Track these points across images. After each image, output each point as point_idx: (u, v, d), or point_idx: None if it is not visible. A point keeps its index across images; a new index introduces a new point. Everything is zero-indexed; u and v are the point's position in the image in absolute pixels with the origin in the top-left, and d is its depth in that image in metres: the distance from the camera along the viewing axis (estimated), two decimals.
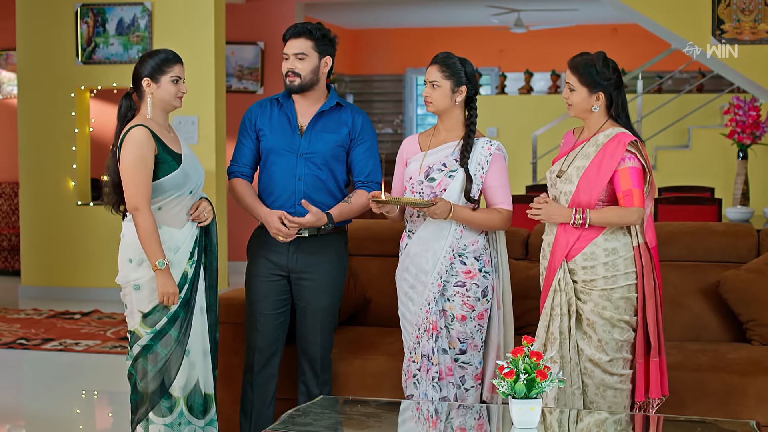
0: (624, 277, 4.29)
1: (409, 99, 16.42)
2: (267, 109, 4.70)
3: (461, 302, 4.45)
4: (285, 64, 4.62)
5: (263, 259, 4.67)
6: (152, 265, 4.25)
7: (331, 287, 4.68)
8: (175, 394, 4.36)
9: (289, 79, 4.61)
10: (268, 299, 4.66)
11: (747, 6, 8.35)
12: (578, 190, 4.28)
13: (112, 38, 9.53)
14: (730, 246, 5.34)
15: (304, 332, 4.70)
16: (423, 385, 4.44)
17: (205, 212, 4.43)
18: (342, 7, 13.46)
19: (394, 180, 4.68)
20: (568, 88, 4.35)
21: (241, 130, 4.74)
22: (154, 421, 4.35)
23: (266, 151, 4.66)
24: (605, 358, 4.29)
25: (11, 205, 11.68)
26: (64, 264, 9.77)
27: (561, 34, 14.82)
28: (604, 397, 4.32)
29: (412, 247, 4.49)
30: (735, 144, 9.66)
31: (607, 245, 4.28)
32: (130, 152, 4.27)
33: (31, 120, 9.75)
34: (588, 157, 4.31)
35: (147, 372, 4.33)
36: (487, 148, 4.48)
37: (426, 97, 4.47)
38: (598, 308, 4.28)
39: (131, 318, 4.38)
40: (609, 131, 4.33)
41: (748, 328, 5.08)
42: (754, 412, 4.57)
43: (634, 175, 4.25)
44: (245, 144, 4.71)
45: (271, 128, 4.65)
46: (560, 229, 4.33)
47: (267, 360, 4.69)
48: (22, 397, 6.76)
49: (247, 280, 4.74)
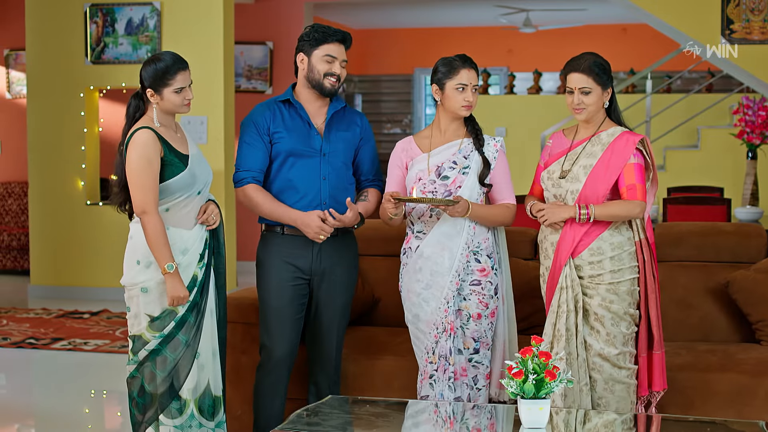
0: (629, 270, 4.37)
1: (417, 99, 16.42)
2: (277, 112, 4.62)
3: (477, 300, 4.48)
4: (331, 66, 4.56)
5: (286, 264, 4.59)
6: (161, 269, 4.22)
7: (350, 286, 4.71)
8: (184, 396, 4.34)
9: (332, 83, 4.57)
10: (294, 304, 4.61)
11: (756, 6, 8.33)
12: (585, 187, 4.36)
13: (121, 38, 9.54)
14: (740, 246, 5.33)
15: (320, 332, 4.68)
16: (439, 386, 4.44)
17: (213, 215, 4.41)
18: (351, 7, 13.46)
19: (388, 183, 4.63)
20: (582, 92, 4.36)
21: (249, 134, 4.61)
22: (164, 422, 4.33)
23: (284, 153, 4.58)
24: (614, 351, 4.34)
25: (20, 204, 11.71)
26: (73, 264, 9.79)
27: (570, 34, 14.81)
28: (613, 392, 4.36)
29: (426, 248, 4.49)
30: (744, 144, 9.65)
31: (613, 240, 4.36)
32: (135, 155, 4.23)
33: (41, 120, 9.77)
34: (594, 156, 4.38)
35: (155, 376, 4.30)
36: (493, 145, 4.57)
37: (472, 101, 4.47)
38: (606, 302, 4.34)
39: (136, 321, 4.33)
40: (611, 130, 4.42)
41: (757, 328, 5.07)
42: (763, 413, 4.56)
43: (638, 170, 4.37)
44: (257, 148, 4.58)
45: (288, 130, 4.59)
46: (566, 226, 4.38)
47: (288, 364, 4.66)
48: (32, 397, 6.77)
49: (266, 286, 4.63)
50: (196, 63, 8.86)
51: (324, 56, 4.55)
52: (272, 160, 4.61)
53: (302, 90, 4.64)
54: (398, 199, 4.36)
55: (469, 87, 4.47)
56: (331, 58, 4.56)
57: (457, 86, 4.47)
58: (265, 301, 4.64)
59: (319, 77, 4.56)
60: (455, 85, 4.47)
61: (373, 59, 16.36)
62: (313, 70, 4.57)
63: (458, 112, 4.49)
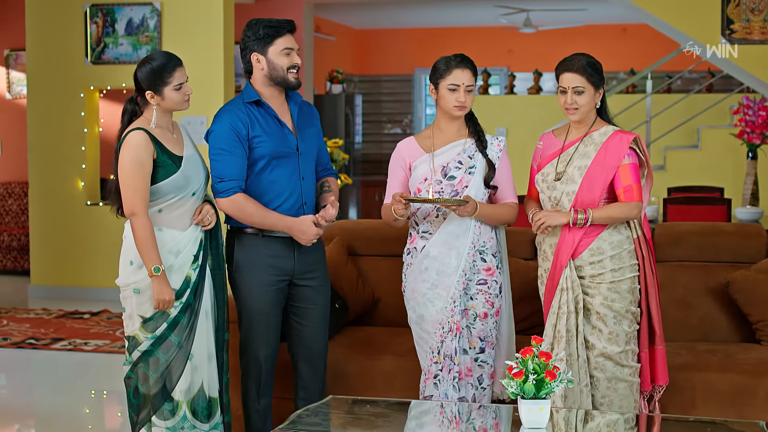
0: (630, 268, 4.39)
1: (417, 99, 16.42)
2: (252, 115, 4.46)
3: (484, 300, 4.50)
4: (291, 59, 4.46)
5: (268, 268, 4.50)
6: (148, 271, 4.22)
7: (328, 281, 4.69)
8: (176, 398, 4.33)
9: (295, 76, 4.49)
10: (277, 306, 4.56)
11: (757, 6, 8.33)
12: (582, 188, 4.37)
13: (121, 38, 9.54)
14: (740, 246, 5.33)
15: (309, 333, 4.61)
16: (444, 386, 4.45)
17: (208, 216, 4.39)
18: (351, 7, 13.46)
19: (390, 184, 4.60)
20: (576, 91, 4.37)
21: (227, 142, 4.39)
22: (156, 424, 4.33)
23: (267, 156, 4.44)
24: (617, 349, 4.36)
25: (21, 204, 11.70)
26: (73, 264, 9.79)
27: (570, 34, 14.82)
28: (616, 390, 4.37)
29: (433, 248, 4.49)
30: (744, 144, 9.64)
31: (612, 239, 4.38)
32: (128, 157, 4.23)
33: (41, 120, 9.77)
34: (588, 156, 4.39)
35: (148, 377, 4.30)
36: (497, 145, 4.57)
37: (464, 101, 4.45)
38: (608, 301, 4.36)
39: (130, 322, 4.34)
40: (603, 129, 4.43)
41: (757, 328, 5.07)
42: (764, 413, 4.56)
43: (634, 170, 4.38)
44: (238, 155, 4.39)
45: (267, 133, 4.46)
46: (565, 228, 4.39)
47: (272, 364, 4.63)
48: (32, 397, 6.77)
49: (248, 289, 4.52)
50: (197, 63, 8.88)
51: (282, 51, 4.44)
52: (251, 164, 4.46)
53: (263, 88, 4.50)
54: (408, 200, 4.35)
55: (461, 87, 4.45)
56: (289, 50, 4.45)
57: (449, 86, 4.46)
58: (248, 306, 4.54)
59: (283, 73, 4.45)
60: (448, 85, 4.46)
61: (373, 59, 16.37)
62: (275, 67, 4.45)
63: (451, 112, 4.48)
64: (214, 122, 4.47)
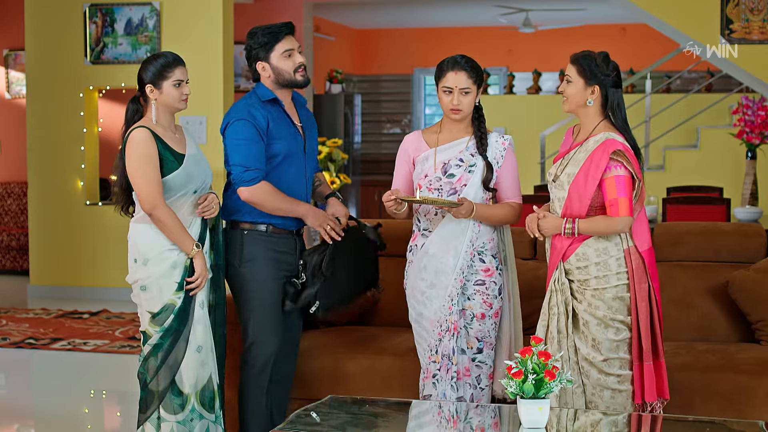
0: (616, 277, 4.25)
1: (417, 99, 16.42)
2: (270, 112, 4.55)
3: (481, 300, 4.48)
4: (294, 58, 4.55)
5: (275, 262, 4.60)
6: (188, 253, 4.32)
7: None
8: (185, 391, 4.39)
9: (302, 74, 4.58)
10: (281, 300, 4.64)
11: (756, 5, 8.33)
12: (569, 197, 4.27)
13: (120, 38, 9.54)
14: (739, 246, 5.33)
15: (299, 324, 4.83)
16: (442, 385, 4.44)
17: (213, 204, 4.45)
18: (350, 6, 13.46)
19: (395, 178, 4.61)
20: (566, 80, 4.33)
21: (250, 131, 4.47)
22: (165, 418, 4.37)
23: (282, 154, 4.54)
24: (599, 357, 4.26)
25: (20, 204, 11.71)
26: (72, 264, 9.79)
27: (569, 34, 14.81)
28: (601, 398, 4.28)
29: (431, 246, 4.49)
30: (744, 144, 9.64)
31: (598, 245, 4.26)
32: (136, 153, 4.29)
33: (40, 120, 9.77)
34: (578, 164, 4.27)
35: (156, 370, 4.36)
36: (501, 143, 4.53)
37: (457, 105, 4.43)
38: (591, 308, 4.26)
39: (142, 318, 4.43)
40: (599, 136, 4.27)
41: (757, 328, 5.07)
42: (763, 413, 4.56)
43: (620, 183, 4.20)
44: (261, 146, 4.48)
45: (282, 131, 4.57)
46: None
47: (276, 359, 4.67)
48: (31, 397, 6.77)
49: (257, 283, 4.59)
50: (196, 63, 8.87)
51: (283, 53, 4.52)
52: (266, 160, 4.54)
53: (274, 90, 4.59)
54: (402, 199, 4.35)
55: (455, 90, 4.41)
56: (290, 51, 4.53)
57: (443, 89, 4.44)
58: (257, 299, 4.60)
59: (290, 75, 4.54)
60: (442, 87, 4.45)
61: (373, 59, 16.36)
62: (280, 72, 4.54)
63: (447, 115, 4.48)
64: (231, 115, 4.54)
